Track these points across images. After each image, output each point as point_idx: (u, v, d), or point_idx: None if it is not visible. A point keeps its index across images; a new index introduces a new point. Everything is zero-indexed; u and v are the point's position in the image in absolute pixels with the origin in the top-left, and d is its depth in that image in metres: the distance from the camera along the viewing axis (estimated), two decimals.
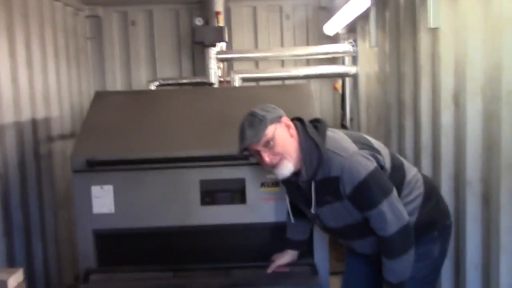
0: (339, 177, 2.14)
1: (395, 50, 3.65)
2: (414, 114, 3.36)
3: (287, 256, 2.78)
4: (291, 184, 2.37)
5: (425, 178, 2.47)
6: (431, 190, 2.43)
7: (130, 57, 5.59)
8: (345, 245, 2.65)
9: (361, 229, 2.30)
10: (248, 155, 2.34)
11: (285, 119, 2.23)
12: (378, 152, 2.26)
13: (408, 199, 2.32)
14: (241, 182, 2.92)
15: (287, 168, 2.19)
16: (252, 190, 2.92)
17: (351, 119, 4.96)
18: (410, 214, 2.26)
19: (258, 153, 2.21)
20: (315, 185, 2.22)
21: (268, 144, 2.17)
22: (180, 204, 2.98)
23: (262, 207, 2.93)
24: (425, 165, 3.19)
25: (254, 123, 2.16)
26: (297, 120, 2.30)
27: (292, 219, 2.56)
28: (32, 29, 4.04)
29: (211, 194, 2.95)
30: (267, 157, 2.18)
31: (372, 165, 2.15)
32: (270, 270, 2.76)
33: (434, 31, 2.97)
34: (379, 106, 4.04)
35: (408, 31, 3.38)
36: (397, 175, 2.31)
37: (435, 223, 2.39)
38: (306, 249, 2.88)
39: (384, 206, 2.14)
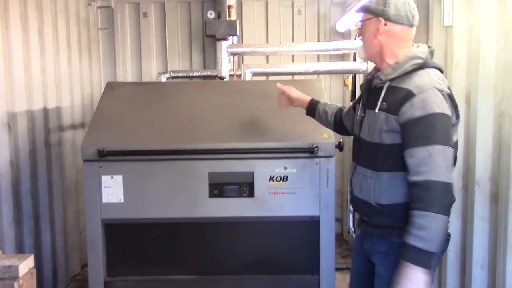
0: (410, 92, 1.91)
1: None
2: None
3: (295, 93, 2.80)
4: (365, 86, 2.23)
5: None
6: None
7: (141, 48, 5.61)
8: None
9: (378, 156, 2.03)
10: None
11: (383, 27, 2.04)
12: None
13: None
14: (250, 175, 2.94)
15: (361, 52, 2.27)
16: (261, 184, 2.94)
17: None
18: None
19: None
20: (386, 90, 2.03)
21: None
22: (188, 196, 3.00)
23: (270, 201, 2.94)
24: None
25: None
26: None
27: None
28: (46, 19, 4.07)
29: (220, 187, 2.97)
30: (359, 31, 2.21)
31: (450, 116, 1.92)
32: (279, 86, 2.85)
33: (447, 29, 2.96)
34: None
35: (420, 28, 3.34)
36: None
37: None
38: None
39: (439, 150, 1.84)
